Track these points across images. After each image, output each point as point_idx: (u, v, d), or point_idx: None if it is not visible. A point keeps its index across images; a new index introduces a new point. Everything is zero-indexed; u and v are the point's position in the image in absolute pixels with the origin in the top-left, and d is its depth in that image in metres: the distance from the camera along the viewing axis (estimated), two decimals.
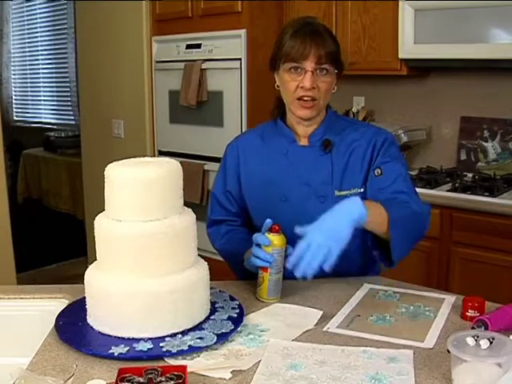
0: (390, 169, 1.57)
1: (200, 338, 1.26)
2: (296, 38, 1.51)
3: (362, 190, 1.59)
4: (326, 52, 1.50)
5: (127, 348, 1.22)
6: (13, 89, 6.60)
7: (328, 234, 1.30)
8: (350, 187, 1.59)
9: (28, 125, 6.39)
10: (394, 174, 1.57)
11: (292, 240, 1.51)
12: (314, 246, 1.28)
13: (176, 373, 1.08)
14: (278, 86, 1.60)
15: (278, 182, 1.62)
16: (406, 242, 1.46)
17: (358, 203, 1.36)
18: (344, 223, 1.32)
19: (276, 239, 1.46)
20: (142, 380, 1.07)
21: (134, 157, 1.40)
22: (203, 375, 1.14)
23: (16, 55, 6.50)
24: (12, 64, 6.53)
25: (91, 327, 1.31)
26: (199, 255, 1.39)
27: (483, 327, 1.27)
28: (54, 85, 6.08)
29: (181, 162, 1.40)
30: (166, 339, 1.25)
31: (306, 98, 1.53)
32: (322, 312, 1.42)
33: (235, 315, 1.37)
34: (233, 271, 1.71)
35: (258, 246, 1.47)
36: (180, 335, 1.27)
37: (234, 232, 1.71)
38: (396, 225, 1.41)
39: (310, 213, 1.58)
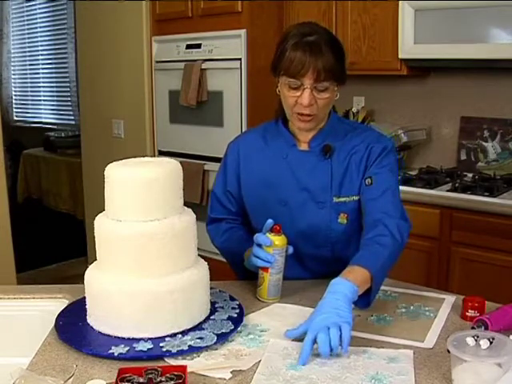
0: (381, 180, 1.54)
1: (200, 338, 1.26)
2: (296, 52, 1.45)
3: (358, 197, 1.57)
4: (325, 68, 1.44)
5: (127, 348, 1.22)
6: (13, 89, 6.59)
7: (330, 315, 1.23)
8: (348, 194, 1.56)
9: (28, 125, 6.38)
10: (383, 185, 1.53)
11: (290, 243, 1.51)
12: (324, 331, 1.19)
13: (176, 373, 1.09)
14: (279, 92, 1.54)
15: (277, 185, 1.60)
16: (383, 280, 1.44)
17: (346, 284, 1.29)
18: (341, 305, 1.25)
19: (277, 239, 1.46)
20: (141, 380, 1.07)
21: (134, 157, 1.40)
22: (203, 375, 1.14)
23: (16, 55, 6.49)
24: (12, 64, 6.52)
25: (91, 327, 1.31)
26: (199, 255, 1.39)
27: (483, 327, 1.27)
28: (54, 85, 6.07)
29: (181, 162, 1.40)
30: (166, 339, 1.25)
31: (303, 114, 1.50)
32: None
33: (235, 315, 1.37)
34: (232, 269, 1.71)
35: (259, 246, 1.47)
36: (180, 335, 1.27)
37: (234, 230, 1.70)
38: (377, 277, 1.38)
39: (307, 218, 1.58)
